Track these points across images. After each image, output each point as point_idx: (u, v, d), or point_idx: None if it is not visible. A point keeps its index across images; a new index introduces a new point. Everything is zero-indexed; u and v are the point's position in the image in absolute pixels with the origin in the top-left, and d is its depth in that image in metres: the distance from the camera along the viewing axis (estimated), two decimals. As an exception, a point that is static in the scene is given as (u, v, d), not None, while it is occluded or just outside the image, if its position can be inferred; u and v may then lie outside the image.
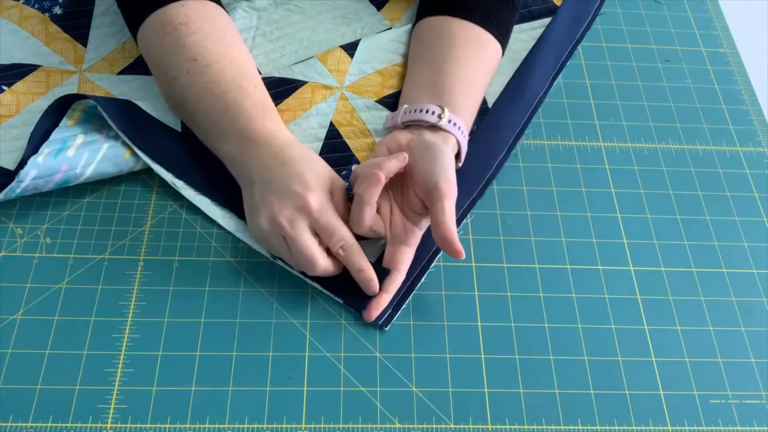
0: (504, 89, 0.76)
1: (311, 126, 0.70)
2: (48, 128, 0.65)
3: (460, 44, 0.69)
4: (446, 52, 0.69)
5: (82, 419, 0.55)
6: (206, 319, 0.61)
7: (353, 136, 0.70)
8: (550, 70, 0.79)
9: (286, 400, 0.57)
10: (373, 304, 0.61)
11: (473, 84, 0.68)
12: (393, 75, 0.75)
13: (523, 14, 0.81)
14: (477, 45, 0.70)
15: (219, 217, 0.66)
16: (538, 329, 0.62)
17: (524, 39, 0.80)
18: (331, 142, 0.70)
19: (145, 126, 0.68)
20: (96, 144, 0.65)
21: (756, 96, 0.81)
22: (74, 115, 0.67)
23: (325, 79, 0.73)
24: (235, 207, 0.65)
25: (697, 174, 0.74)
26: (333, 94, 0.72)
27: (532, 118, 0.76)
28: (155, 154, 0.67)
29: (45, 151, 0.63)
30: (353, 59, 0.74)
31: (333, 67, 0.74)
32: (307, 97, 0.72)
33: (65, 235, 0.65)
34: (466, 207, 0.68)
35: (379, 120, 0.71)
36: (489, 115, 0.74)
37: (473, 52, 0.69)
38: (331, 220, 0.59)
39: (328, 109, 0.71)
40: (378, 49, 0.76)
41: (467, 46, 0.69)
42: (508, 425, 0.57)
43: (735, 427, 0.59)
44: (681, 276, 0.67)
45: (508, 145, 0.73)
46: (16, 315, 0.60)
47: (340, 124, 0.71)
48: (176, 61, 0.65)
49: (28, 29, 0.75)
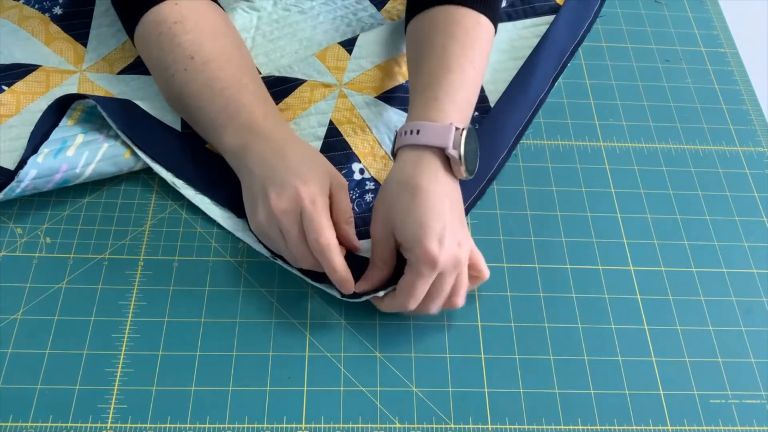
0: (506, 89, 0.76)
1: (311, 125, 0.70)
2: (48, 128, 0.65)
3: (453, 36, 0.66)
4: (440, 49, 0.65)
5: (82, 419, 0.55)
6: (206, 319, 0.61)
7: (353, 134, 0.70)
8: (552, 70, 0.79)
9: (286, 400, 0.57)
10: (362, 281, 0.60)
11: (469, 77, 0.64)
12: (392, 68, 0.74)
13: (526, 10, 0.81)
14: (472, 30, 0.66)
15: (219, 216, 0.66)
16: (538, 329, 0.62)
17: (527, 36, 0.80)
18: (330, 140, 0.70)
19: (144, 125, 0.68)
20: (96, 144, 0.65)
21: (756, 96, 0.81)
22: (74, 115, 0.67)
23: (323, 76, 0.73)
24: (235, 207, 0.65)
25: (697, 174, 0.74)
26: (332, 92, 0.72)
27: (534, 118, 0.76)
28: (155, 154, 0.67)
29: (45, 151, 0.63)
30: (351, 55, 0.74)
31: (332, 64, 0.74)
32: (306, 95, 0.72)
33: (65, 235, 0.65)
34: (467, 206, 0.68)
35: (379, 116, 0.71)
36: (491, 114, 0.74)
37: (471, 39, 0.66)
38: (316, 215, 0.57)
39: (327, 107, 0.71)
40: (376, 43, 0.76)
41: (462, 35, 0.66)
42: (508, 425, 0.57)
43: (735, 427, 0.59)
44: (681, 276, 0.67)
45: (509, 145, 0.72)
46: (16, 315, 0.60)
47: (339, 122, 0.71)
48: (173, 60, 0.65)
49: (28, 29, 0.75)
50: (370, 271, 0.60)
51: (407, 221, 0.56)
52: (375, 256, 0.60)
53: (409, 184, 0.58)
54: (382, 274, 0.60)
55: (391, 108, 0.72)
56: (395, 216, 0.58)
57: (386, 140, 0.71)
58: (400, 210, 0.57)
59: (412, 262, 0.56)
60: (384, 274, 0.60)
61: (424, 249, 0.55)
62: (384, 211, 0.59)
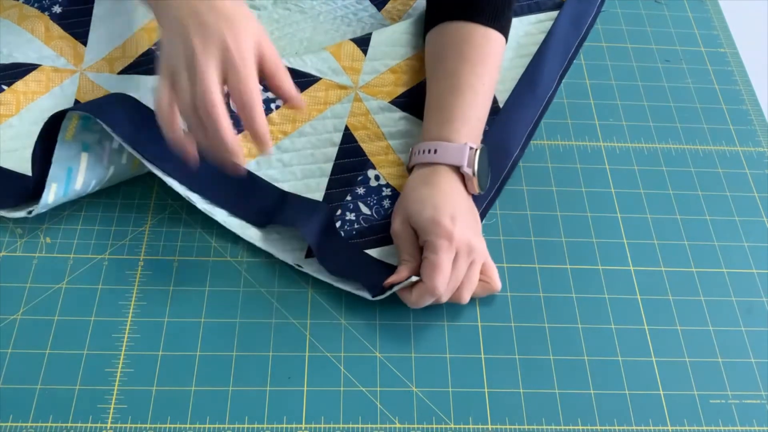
0: (515, 87, 0.76)
1: (327, 129, 0.70)
2: (47, 146, 0.62)
3: (463, 55, 0.68)
4: (450, 72, 0.68)
5: (82, 419, 0.55)
6: (206, 319, 0.61)
7: (368, 140, 0.70)
8: (558, 67, 0.78)
9: (286, 400, 0.57)
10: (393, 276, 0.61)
11: (480, 94, 0.67)
12: (405, 71, 0.74)
13: (530, 5, 0.81)
14: (481, 47, 0.69)
15: (236, 227, 0.65)
16: (538, 329, 0.62)
17: (533, 32, 0.80)
18: (346, 147, 0.70)
19: (146, 126, 0.64)
20: (101, 166, 0.64)
21: (756, 96, 0.81)
22: (71, 126, 0.63)
23: (339, 76, 0.72)
24: (245, 213, 0.65)
25: (697, 174, 0.74)
26: (348, 95, 0.72)
27: (544, 116, 0.75)
28: (164, 163, 0.64)
29: (53, 186, 0.61)
30: (366, 57, 0.74)
31: (347, 64, 0.73)
32: (321, 95, 0.71)
33: (65, 235, 0.64)
34: (484, 208, 0.68)
35: (392, 122, 0.71)
36: (501, 114, 0.73)
37: (481, 56, 0.69)
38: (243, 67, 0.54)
39: (343, 110, 0.71)
40: (390, 44, 0.75)
41: (472, 54, 0.69)
42: (508, 425, 0.57)
43: (735, 427, 0.59)
44: (681, 276, 0.67)
45: (521, 144, 0.72)
46: (16, 315, 0.60)
47: (354, 127, 0.70)
48: None
49: (28, 28, 0.75)
50: (400, 267, 0.61)
51: (423, 208, 0.60)
52: (402, 252, 0.62)
53: (427, 182, 0.63)
54: (410, 266, 0.61)
55: (403, 113, 0.72)
56: (413, 207, 0.61)
57: (398, 146, 0.71)
58: (418, 200, 0.62)
59: (430, 242, 0.59)
60: (412, 266, 0.61)
61: (439, 223, 0.59)
62: (402, 205, 0.63)
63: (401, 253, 0.62)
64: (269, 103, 0.70)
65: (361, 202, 0.67)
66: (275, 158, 0.69)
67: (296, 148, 0.69)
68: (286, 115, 0.70)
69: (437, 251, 0.58)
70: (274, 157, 0.69)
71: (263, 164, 0.68)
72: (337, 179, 0.68)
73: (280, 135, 0.69)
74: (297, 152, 0.69)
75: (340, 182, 0.68)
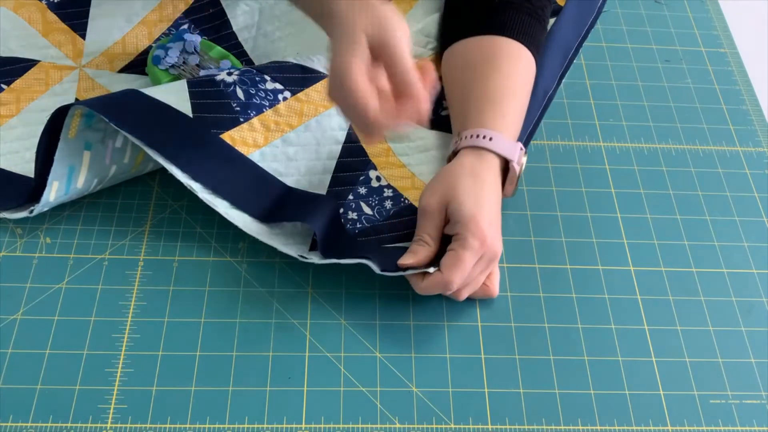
0: None
1: (332, 126, 0.70)
2: (51, 143, 0.61)
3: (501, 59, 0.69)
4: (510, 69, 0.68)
5: (82, 419, 0.55)
6: (206, 319, 0.61)
7: None
8: (559, 66, 0.78)
9: (286, 400, 0.57)
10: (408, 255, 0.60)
11: (511, 92, 0.68)
12: None
13: None
14: (515, 58, 0.69)
15: (239, 221, 0.63)
16: (538, 329, 0.62)
17: None
18: (349, 146, 0.69)
19: (152, 118, 0.63)
20: (102, 164, 0.64)
21: (756, 96, 0.81)
22: (74, 124, 0.62)
23: None
24: (248, 206, 0.64)
25: (697, 174, 0.74)
26: None
27: (543, 116, 0.75)
28: (166, 152, 0.62)
29: (54, 184, 0.61)
30: None
31: None
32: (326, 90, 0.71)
33: (65, 235, 0.64)
34: None
35: None
36: None
37: (512, 66, 0.69)
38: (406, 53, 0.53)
39: None
40: None
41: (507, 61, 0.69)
42: (508, 425, 0.57)
43: (735, 427, 0.59)
44: (681, 276, 0.67)
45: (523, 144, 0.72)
46: (16, 315, 0.60)
47: None
48: None
49: (25, 17, 0.74)
50: (415, 246, 0.60)
51: (467, 198, 0.59)
52: (422, 232, 0.61)
53: (473, 172, 0.62)
54: (427, 252, 0.60)
55: None
56: (456, 191, 0.60)
57: (399, 149, 0.71)
58: (462, 188, 0.60)
59: (463, 237, 0.58)
60: (429, 252, 0.60)
61: (478, 223, 0.58)
62: (444, 186, 0.61)
63: (420, 232, 0.61)
64: (277, 94, 0.69)
65: (363, 202, 0.67)
66: (280, 151, 0.68)
67: (301, 143, 0.69)
68: (293, 107, 0.70)
69: (467, 248, 0.58)
70: (279, 150, 0.68)
71: (268, 156, 0.68)
72: (339, 177, 0.68)
73: (286, 128, 0.69)
74: (302, 147, 0.69)
75: (342, 180, 0.68)
